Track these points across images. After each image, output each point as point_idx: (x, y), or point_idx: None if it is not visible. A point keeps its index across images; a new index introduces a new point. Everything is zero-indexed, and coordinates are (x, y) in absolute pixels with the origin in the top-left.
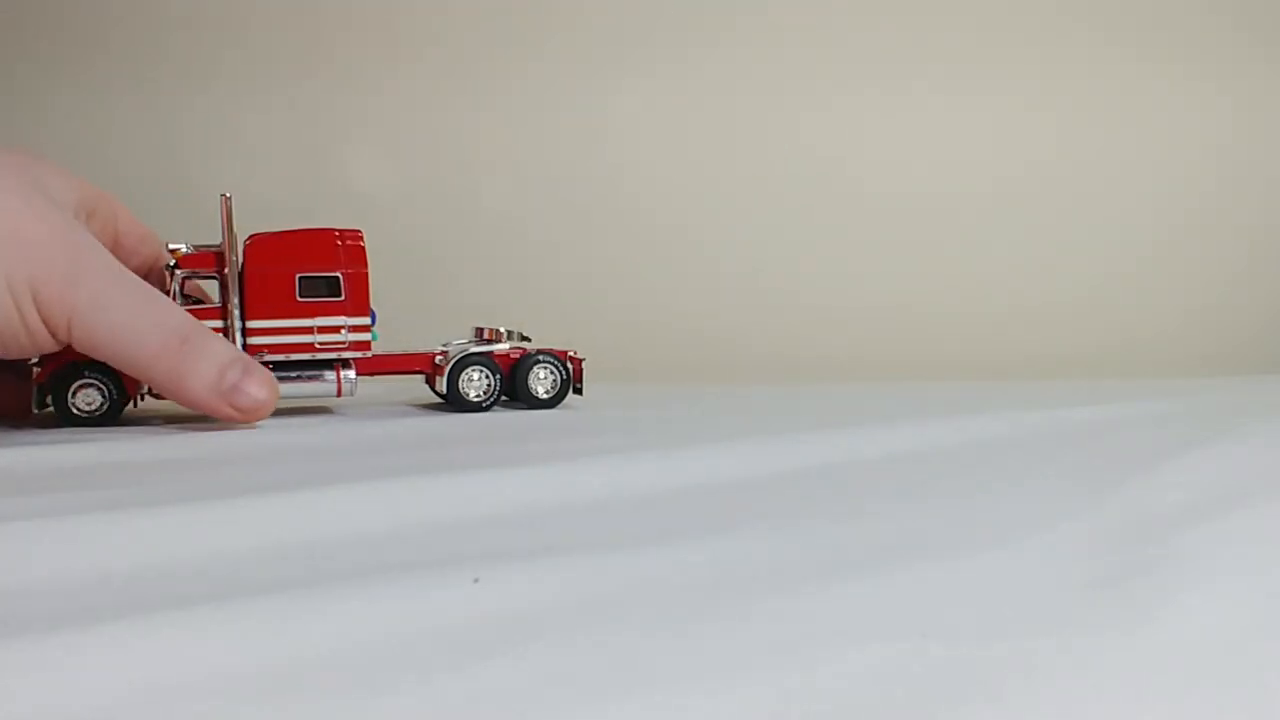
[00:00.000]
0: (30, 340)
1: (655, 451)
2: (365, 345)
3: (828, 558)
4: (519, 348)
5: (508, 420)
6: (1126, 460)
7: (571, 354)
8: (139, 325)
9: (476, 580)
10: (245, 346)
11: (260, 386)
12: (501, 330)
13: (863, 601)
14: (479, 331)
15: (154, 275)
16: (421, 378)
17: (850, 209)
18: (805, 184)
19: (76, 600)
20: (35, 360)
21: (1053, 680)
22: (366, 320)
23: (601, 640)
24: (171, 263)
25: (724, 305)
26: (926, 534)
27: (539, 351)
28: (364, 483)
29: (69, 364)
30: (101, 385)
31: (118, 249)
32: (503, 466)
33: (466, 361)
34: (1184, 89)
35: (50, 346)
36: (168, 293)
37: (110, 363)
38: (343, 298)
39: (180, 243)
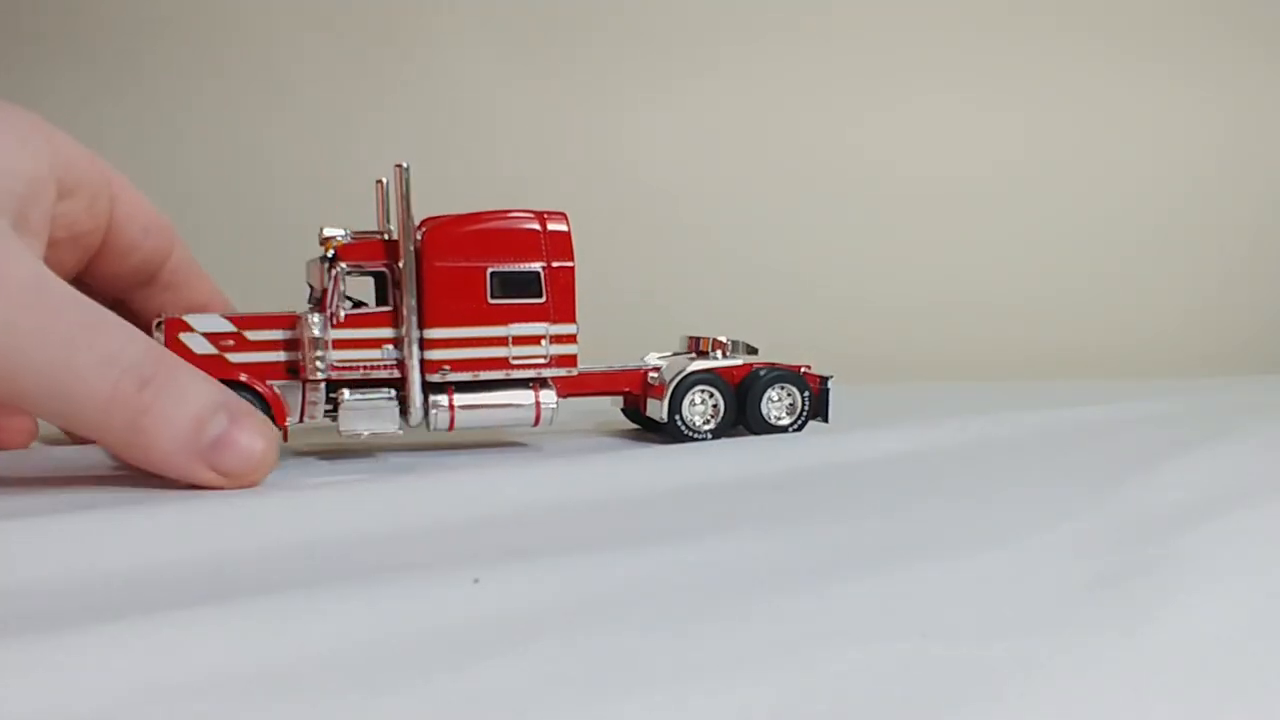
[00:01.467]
0: None
1: (655, 451)
2: (571, 360)
3: (828, 558)
4: (745, 362)
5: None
6: (1126, 460)
7: (805, 368)
8: (77, 363)
9: (477, 580)
10: (423, 363)
11: (255, 435)
12: (725, 340)
13: (863, 601)
14: (693, 343)
15: (166, 277)
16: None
17: (851, 209)
18: (802, 186)
19: (76, 600)
20: None
21: (1053, 680)
22: (572, 328)
23: (601, 640)
24: (328, 254)
25: (719, 306)
26: (926, 534)
27: (770, 367)
28: (364, 483)
29: None
30: None
31: (111, 241)
32: (503, 467)
33: (692, 380)
34: (1185, 89)
35: None
36: (323, 296)
37: (45, 418)
38: (544, 299)
39: (337, 228)
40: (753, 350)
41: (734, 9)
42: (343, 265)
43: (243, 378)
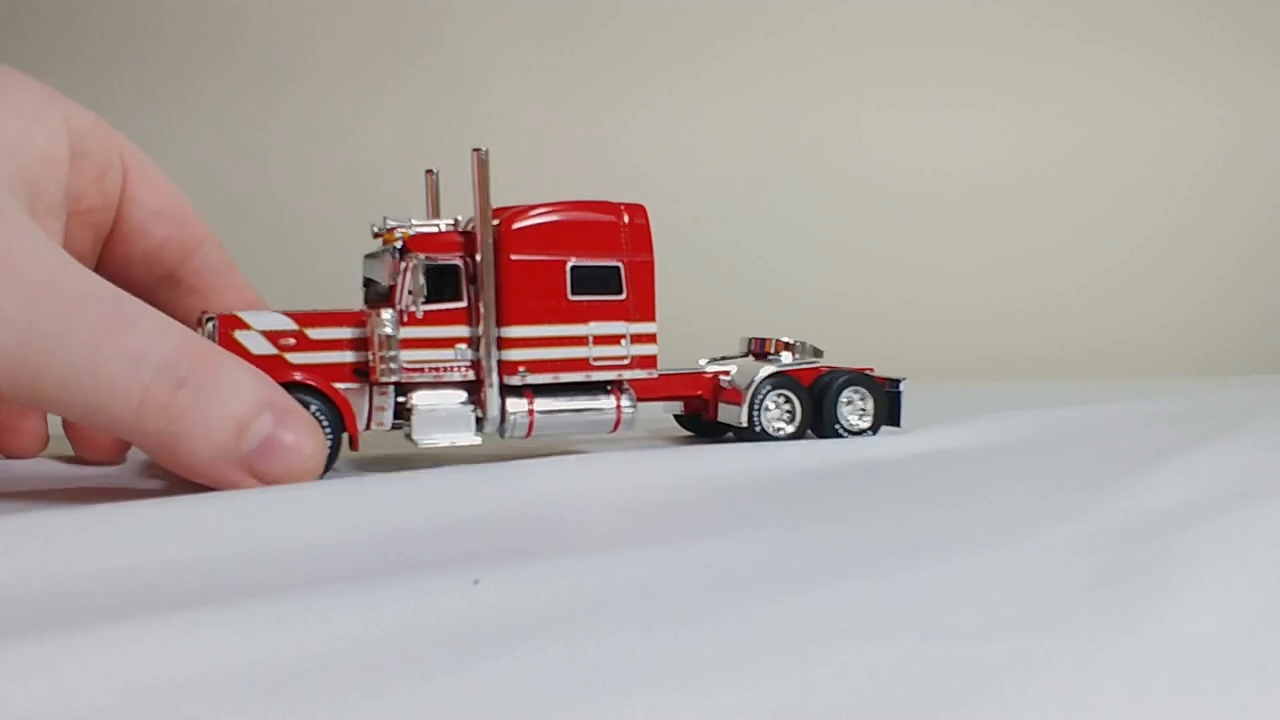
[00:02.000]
0: None
1: (655, 453)
2: (651, 362)
3: (828, 558)
4: (815, 365)
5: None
6: (1126, 460)
7: (872, 371)
8: (102, 366)
9: (477, 581)
10: (499, 363)
11: (303, 434)
12: (791, 341)
13: (863, 601)
14: (757, 345)
15: (190, 278)
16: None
17: (849, 210)
18: (801, 185)
19: (76, 600)
20: None
21: (1053, 680)
22: (653, 327)
23: (601, 640)
24: (396, 246)
25: (712, 305)
26: (926, 534)
27: (841, 370)
28: (364, 482)
29: None
30: None
31: (121, 225)
32: (503, 467)
33: (769, 383)
34: (1186, 90)
35: None
36: (392, 291)
37: (76, 421)
38: (624, 295)
39: (401, 219)
40: (818, 352)
41: (734, 10)
42: (419, 257)
43: (300, 378)
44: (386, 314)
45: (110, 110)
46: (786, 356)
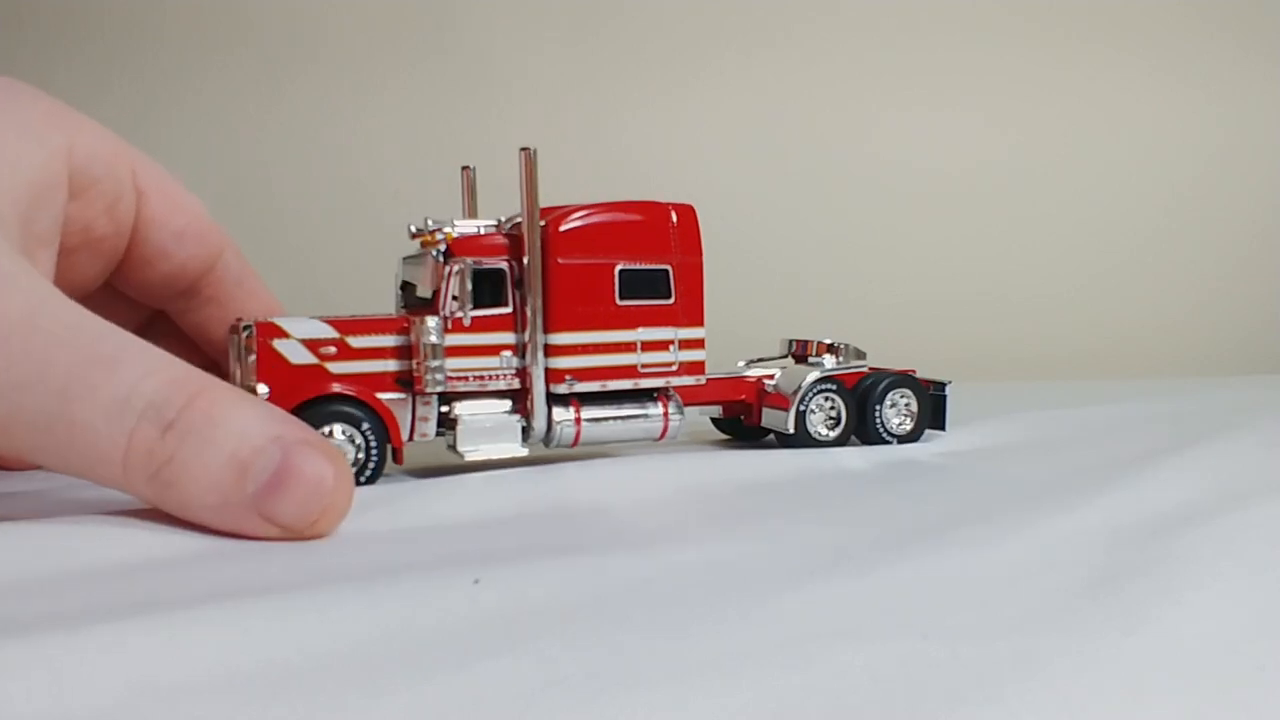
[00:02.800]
0: None
1: (655, 453)
2: (699, 368)
3: (828, 558)
4: (858, 368)
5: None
6: (1127, 460)
7: (912, 372)
8: (79, 414)
9: (477, 581)
10: (546, 372)
11: (319, 463)
12: (834, 343)
13: (863, 601)
14: (799, 346)
15: (209, 289)
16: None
17: (848, 209)
18: (799, 184)
19: (76, 600)
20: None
21: (1053, 680)
22: (701, 332)
23: (601, 640)
24: (439, 249)
25: (715, 306)
26: (927, 534)
27: (886, 372)
28: (363, 482)
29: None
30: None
31: (136, 248)
32: (503, 468)
33: (817, 387)
34: (1186, 91)
35: None
36: (435, 296)
37: (56, 471)
38: (672, 300)
39: (443, 219)
40: (861, 354)
41: (735, 10)
42: (467, 261)
43: (341, 389)
44: (432, 321)
45: (110, 109)
46: (829, 359)
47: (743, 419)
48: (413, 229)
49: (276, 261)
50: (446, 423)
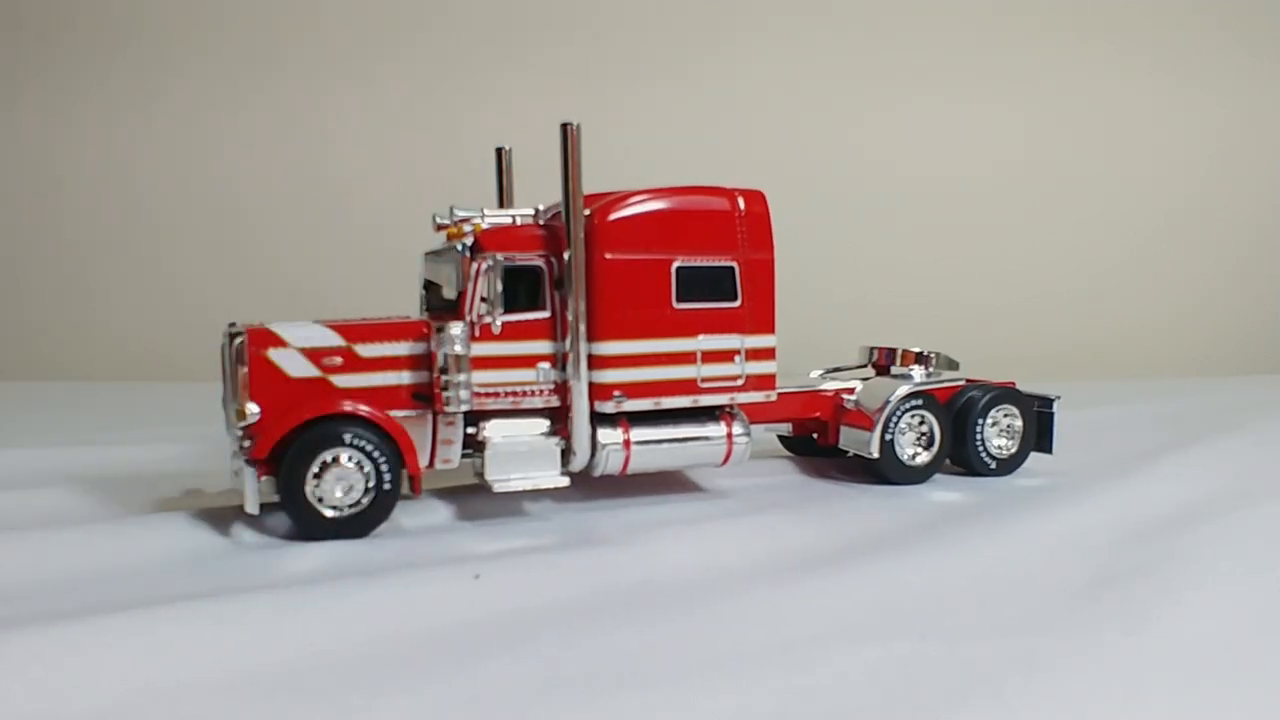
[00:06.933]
0: None
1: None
2: (769, 382)
3: (828, 558)
4: (954, 381)
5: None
6: (1127, 459)
7: (1012, 385)
8: None
9: (477, 576)
10: (591, 387)
11: None
12: (924, 352)
13: (863, 601)
14: (883, 355)
15: None
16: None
17: (847, 209)
18: (797, 184)
19: (76, 600)
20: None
21: (1053, 680)
22: (771, 340)
23: (601, 640)
24: (465, 243)
25: None
26: (927, 534)
27: (986, 385)
28: None
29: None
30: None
31: None
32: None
33: (907, 403)
34: (1186, 91)
35: None
36: (461, 298)
37: None
38: (738, 302)
39: (470, 209)
40: (953, 364)
41: (735, 9)
42: (496, 257)
43: (350, 407)
44: (455, 328)
45: (108, 109)
46: (918, 371)
47: (815, 437)
48: (437, 220)
49: (275, 261)
50: (473, 445)
